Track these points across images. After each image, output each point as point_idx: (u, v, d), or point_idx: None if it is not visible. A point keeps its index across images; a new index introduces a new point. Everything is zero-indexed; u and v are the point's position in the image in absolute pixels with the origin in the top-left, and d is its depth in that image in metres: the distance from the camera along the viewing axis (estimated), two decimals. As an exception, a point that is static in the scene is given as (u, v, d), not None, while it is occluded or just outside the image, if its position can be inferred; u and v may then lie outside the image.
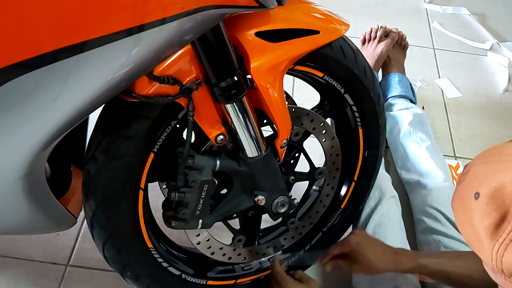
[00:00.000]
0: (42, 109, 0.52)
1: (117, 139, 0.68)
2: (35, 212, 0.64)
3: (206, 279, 0.92)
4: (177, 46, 0.57)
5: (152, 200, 0.82)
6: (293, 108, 0.79)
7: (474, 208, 0.53)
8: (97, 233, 0.75)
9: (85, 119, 0.61)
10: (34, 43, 0.46)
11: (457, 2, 1.99)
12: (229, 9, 0.56)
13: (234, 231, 0.89)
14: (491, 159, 0.54)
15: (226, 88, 0.64)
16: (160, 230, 0.89)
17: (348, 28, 0.75)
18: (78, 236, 1.12)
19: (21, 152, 0.55)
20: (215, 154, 0.75)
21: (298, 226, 0.95)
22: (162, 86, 0.61)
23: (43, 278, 1.05)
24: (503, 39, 1.82)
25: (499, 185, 0.51)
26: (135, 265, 0.80)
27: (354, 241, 0.91)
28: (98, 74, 0.51)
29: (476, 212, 0.53)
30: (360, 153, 0.94)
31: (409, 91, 1.42)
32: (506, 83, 1.65)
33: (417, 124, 1.32)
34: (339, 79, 0.81)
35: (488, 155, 0.55)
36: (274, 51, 0.67)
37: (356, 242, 0.90)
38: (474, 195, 0.53)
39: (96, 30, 0.48)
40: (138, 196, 0.74)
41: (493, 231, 0.51)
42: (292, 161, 0.89)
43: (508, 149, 0.54)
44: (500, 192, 0.51)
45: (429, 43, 1.79)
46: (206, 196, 0.74)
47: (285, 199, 0.83)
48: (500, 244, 0.51)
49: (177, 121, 0.71)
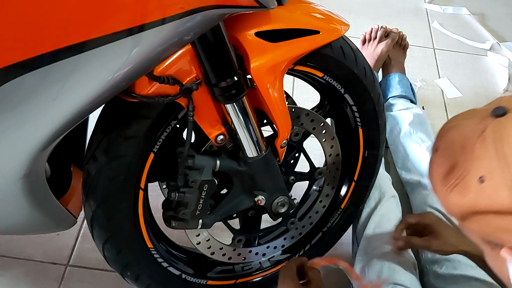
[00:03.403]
0: (42, 109, 0.52)
1: (117, 139, 0.68)
2: (35, 212, 0.64)
3: (206, 279, 0.92)
4: (177, 46, 0.57)
5: (152, 200, 0.82)
6: (293, 108, 0.79)
7: (433, 159, 0.62)
8: (97, 233, 0.75)
9: (85, 119, 0.61)
10: (34, 43, 0.46)
11: (457, 2, 1.99)
12: (229, 9, 0.56)
13: (234, 231, 0.89)
14: (453, 119, 0.63)
15: (226, 88, 0.64)
16: (160, 230, 0.89)
17: (348, 28, 0.76)
18: (78, 236, 1.12)
19: (21, 152, 0.55)
20: (215, 154, 0.75)
21: (298, 226, 0.95)
22: (162, 86, 0.61)
23: (43, 278, 1.05)
24: (503, 39, 1.82)
25: (450, 139, 0.60)
26: (135, 265, 0.80)
27: (434, 216, 0.92)
28: (98, 74, 0.51)
29: (433, 163, 0.62)
30: (360, 153, 0.94)
31: (409, 91, 1.42)
32: (506, 83, 1.65)
33: (418, 124, 1.32)
34: (339, 79, 0.81)
35: (454, 117, 0.63)
36: (274, 51, 0.67)
37: (437, 217, 0.92)
38: (435, 149, 0.62)
39: (96, 30, 0.48)
40: (138, 196, 0.74)
41: (443, 178, 0.59)
42: (292, 161, 0.89)
43: (467, 113, 0.62)
44: (451, 145, 0.59)
45: (429, 43, 1.79)
46: (206, 196, 0.74)
47: (285, 199, 0.83)
48: (446, 188, 0.58)
49: (177, 121, 0.71)
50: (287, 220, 0.92)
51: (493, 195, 0.53)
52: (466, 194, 0.56)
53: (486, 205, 0.54)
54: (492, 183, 0.53)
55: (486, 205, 0.54)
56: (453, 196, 0.58)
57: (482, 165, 0.55)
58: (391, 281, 0.90)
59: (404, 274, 0.91)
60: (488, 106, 0.60)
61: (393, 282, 0.89)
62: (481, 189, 0.55)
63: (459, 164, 0.58)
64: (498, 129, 0.55)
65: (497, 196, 0.53)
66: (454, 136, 0.60)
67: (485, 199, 0.54)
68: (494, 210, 0.54)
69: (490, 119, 0.57)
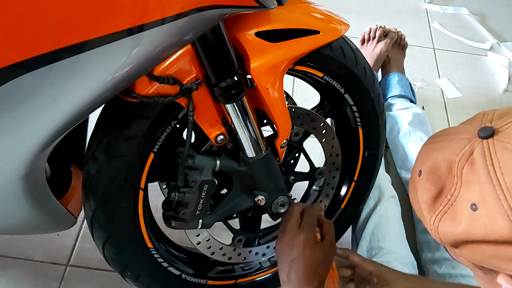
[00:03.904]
0: (42, 109, 0.52)
1: (117, 139, 0.68)
2: (35, 212, 0.64)
3: (206, 279, 0.92)
4: (177, 46, 0.57)
5: (152, 200, 0.82)
6: (293, 108, 0.79)
7: (418, 184, 0.58)
8: (97, 233, 0.75)
9: (85, 119, 0.61)
10: (34, 43, 0.46)
11: (457, 2, 1.99)
12: (229, 9, 0.56)
13: (234, 231, 0.89)
14: (434, 139, 0.59)
15: (226, 88, 0.64)
16: (160, 230, 0.89)
17: (348, 28, 0.76)
18: (78, 236, 1.12)
19: (21, 152, 0.55)
20: (215, 154, 0.75)
21: (298, 226, 0.95)
22: (162, 86, 0.61)
23: (43, 278, 1.05)
24: (503, 39, 1.82)
25: (435, 162, 0.56)
26: (135, 265, 0.80)
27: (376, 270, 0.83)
28: (98, 74, 0.51)
29: (419, 188, 0.58)
30: (360, 153, 0.94)
31: (408, 90, 1.42)
32: (506, 83, 1.65)
33: (417, 124, 1.32)
34: (339, 79, 0.81)
35: (433, 136, 0.61)
36: (274, 51, 0.67)
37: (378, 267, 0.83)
38: (418, 172, 0.59)
39: (96, 30, 0.48)
40: (138, 196, 0.74)
41: (431, 204, 0.56)
42: (292, 161, 0.89)
43: (448, 131, 0.59)
44: (436, 169, 0.56)
45: (429, 43, 1.79)
46: (206, 196, 0.74)
47: (285, 199, 0.83)
48: (436, 216, 0.55)
49: (177, 121, 0.71)
50: (287, 220, 0.92)
51: (489, 224, 0.51)
52: (458, 222, 0.54)
53: (481, 234, 0.52)
54: (487, 211, 0.51)
55: (482, 235, 0.52)
56: (443, 224, 0.55)
57: (473, 191, 0.52)
58: None
59: None
60: (471, 124, 0.57)
61: None
62: (475, 217, 0.52)
63: (446, 189, 0.55)
64: (487, 153, 0.52)
65: (493, 225, 0.50)
66: (438, 159, 0.56)
67: (480, 229, 0.51)
68: (491, 240, 0.51)
69: (477, 140, 0.54)
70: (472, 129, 0.55)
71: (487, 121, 0.55)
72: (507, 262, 0.52)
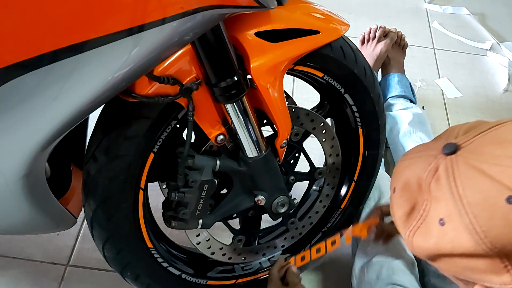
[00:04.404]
0: (42, 109, 0.52)
1: (117, 139, 0.68)
2: (35, 212, 0.64)
3: (206, 279, 0.92)
4: (177, 46, 0.57)
5: (152, 200, 0.82)
6: (293, 108, 0.79)
7: (393, 200, 0.61)
8: (97, 233, 0.75)
9: (85, 119, 0.61)
10: (34, 43, 0.46)
11: (457, 2, 1.99)
12: (229, 9, 0.56)
13: (234, 231, 0.89)
14: (406, 157, 0.62)
15: (226, 88, 0.64)
16: (160, 230, 0.89)
17: (348, 28, 0.75)
18: (78, 236, 1.12)
19: (21, 152, 0.55)
20: (215, 154, 0.75)
21: (298, 226, 0.95)
22: (162, 86, 0.61)
23: (43, 278, 1.05)
24: (503, 39, 1.82)
25: (406, 179, 0.58)
26: (135, 265, 0.80)
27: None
28: (98, 74, 0.51)
29: (394, 204, 0.61)
30: (360, 153, 0.94)
31: (408, 90, 1.42)
32: (506, 83, 1.65)
33: (417, 124, 1.32)
34: (339, 79, 0.81)
35: (407, 153, 0.63)
36: (274, 51, 0.67)
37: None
38: (393, 189, 0.61)
39: (96, 30, 0.48)
40: (138, 196, 0.74)
41: (405, 220, 0.58)
42: (292, 161, 0.89)
43: (419, 147, 0.61)
44: (408, 186, 0.58)
45: (429, 43, 1.79)
46: (206, 196, 0.74)
47: (285, 199, 0.83)
48: (410, 231, 0.57)
49: (177, 121, 0.71)
50: (287, 220, 0.92)
51: (455, 238, 0.52)
52: (429, 237, 0.55)
53: (449, 248, 0.53)
54: (453, 225, 0.52)
55: (450, 249, 0.53)
56: (416, 239, 0.57)
57: (440, 207, 0.54)
58: (390, 281, 0.90)
59: (403, 274, 0.91)
60: (439, 140, 0.59)
61: (392, 282, 0.89)
62: (443, 232, 0.53)
63: (418, 205, 0.56)
64: (450, 169, 0.53)
65: (459, 239, 0.52)
66: (409, 176, 0.58)
67: (448, 243, 0.53)
68: (458, 253, 0.53)
69: (442, 156, 0.55)
70: (438, 146, 0.57)
71: (452, 137, 0.57)
72: (479, 273, 0.53)
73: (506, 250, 0.50)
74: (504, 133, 0.54)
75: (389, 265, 0.92)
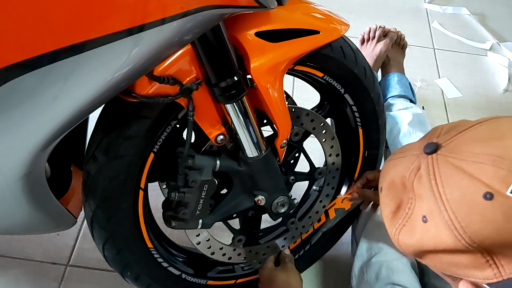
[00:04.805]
0: (42, 109, 0.52)
1: (117, 139, 0.68)
2: (35, 212, 0.64)
3: (206, 279, 0.92)
4: (177, 46, 0.57)
5: (152, 200, 0.82)
6: (293, 108, 0.79)
7: (381, 199, 0.63)
8: (97, 233, 0.75)
9: (85, 119, 0.61)
10: (34, 43, 0.46)
11: (457, 2, 1.99)
12: (229, 9, 0.55)
13: (234, 231, 0.89)
14: (392, 157, 0.63)
15: (226, 88, 0.64)
16: (160, 230, 0.89)
17: (348, 28, 0.75)
18: (78, 236, 1.12)
19: (21, 152, 0.55)
20: (215, 154, 0.75)
21: (298, 226, 0.95)
22: (162, 86, 0.61)
23: (43, 278, 1.05)
24: (503, 39, 1.83)
25: (391, 179, 0.60)
26: (135, 265, 0.80)
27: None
28: (98, 74, 0.51)
29: (381, 204, 0.62)
30: (360, 153, 0.94)
31: (408, 90, 1.42)
32: (506, 83, 1.65)
33: (417, 124, 1.32)
34: (339, 79, 0.81)
35: (393, 153, 0.64)
36: (274, 51, 0.67)
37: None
38: (380, 189, 0.63)
39: (96, 30, 0.48)
40: (138, 196, 0.74)
41: (391, 218, 0.60)
42: (292, 161, 0.89)
43: (404, 147, 0.63)
44: (393, 185, 0.60)
45: (429, 43, 1.79)
46: (206, 196, 0.74)
47: (285, 199, 0.83)
48: (396, 229, 0.59)
49: (177, 121, 0.71)
50: (287, 220, 0.92)
51: (437, 235, 0.53)
52: (413, 234, 0.56)
53: (432, 244, 0.54)
54: (434, 222, 0.54)
55: (433, 245, 0.54)
56: (402, 236, 0.58)
57: (423, 205, 0.55)
58: (389, 281, 0.90)
59: (402, 274, 0.91)
60: (422, 140, 0.60)
61: (391, 282, 0.89)
62: (426, 229, 0.55)
63: (404, 203, 0.58)
64: (431, 167, 0.55)
65: (440, 235, 0.53)
66: (394, 175, 0.60)
67: (430, 239, 0.54)
68: (441, 249, 0.54)
69: (423, 155, 0.57)
70: (421, 146, 0.59)
71: (434, 137, 0.59)
72: (463, 269, 0.54)
73: (485, 245, 0.51)
74: (483, 131, 0.56)
75: (389, 265, 0.92)
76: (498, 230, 0.50)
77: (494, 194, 0.50)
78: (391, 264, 0.92)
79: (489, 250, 0.52)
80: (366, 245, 0.99)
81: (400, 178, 0.59)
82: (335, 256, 1.12)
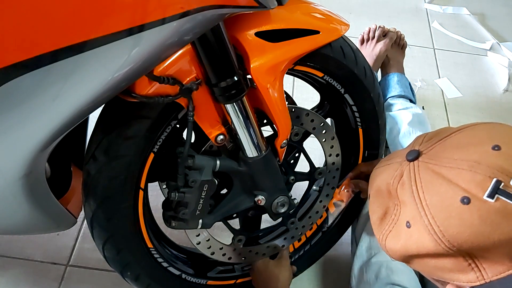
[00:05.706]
0: (42, 109, 0.52)
1: (117, 139, 0.68)
2: (35, 212, 0.64)
3: (206, 279, 0.92)
4: (177, 46, 0.57)
5: (152, 200, 0.82)
6: (293, 108, 0.79)
7: (369, 206, 0.64)
8: (97, 233, 0.75)
9: (85, 119, 0.61)
10: (34, 43, 0.46)
11: (457, 2, 1.99)
12: (229, 9, 0.55)
13: (234, 231, 0.89)
14: (379, 164, 0.66)
15: (226, 88, 0.64)
16: (160, 230, 0.89)
17: (348, 28, 0.75)
18: (78, 236, 1.12)
19: (21, 152, 0.55)
20: (215, 154, 0.75)
21: (298, 226, 0.95)
22: (162, 86, 0.61)
23: (43, 278, 1.05)
24: (503, 39, 1.82)
25: (377, 186, 0.62)
26: (135, 265, 0.80)
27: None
28: (98, 74, 0.51)
29: (370, 210, 0.64)
30: (360, 153, 0.94)
31: (408, 90, 1.42)
32: (506, 83, 1.65)
33: (417, 124, 1.32)
34: (339, 79, 0.81)
35: (380, 161, 0.67)
36: (274, 51, 0.67)
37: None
38: (368, 196, 0.65)
39: (96, 30, 0.48)
40: (138, 196, 0.74)
41: (379, 224, 0.62)
42: (292, 161, 0.89)
43: (391, 155, 0.65)
44: (379, 192, 0.62)
45: (429, 43, 1.79)
46: (206, 196, 0.74)
47: (285, 199, 0.83)
48: (382, 234, 0.61)
49: (177, 121, 0.71)
50: (287, 220, 0.92)
51: (419, 239, 0.55)
52: (398, 240, 0.58)
53: (415, 249, 0.56)
54: (416, 227, 0.55)
55: (416, 250, 0.56)
56: (388, 242, 0.60)
57: (406, 210, 0.57)
58: (389, 281, 0.90)
59: (402, 274, 0.91)
60: (406, 148, 0.62)
61: (391, 282, 0.89)
62: (409, 234, 0.56)
63: (390, 209, 0.60)
64: (412, 174, 0.57)
65: (422, 240, 0.54)
66: (379, 183, 0.62)
67: (413, 244, 0.56)
68: (424, 254, 0.55)
69: (406, 162, 0.59)
70: (404, 153, 0.61)
71: (417, 144, 0.61)
72: (448, 272, 0.56)
73: (464, 249, 0.52)
74: (462, 138, 0.57)
75: (388, 265, 0.92)
76: (475, 234, 0.51)
77: (471, 198, 0.51)
78: (390, 264, 0.92)
79: (470, 253, 0.53)
80: (366, 245, 0.99)
81: (386, 185, 0.61)
82: (335, 256, 1.12)
